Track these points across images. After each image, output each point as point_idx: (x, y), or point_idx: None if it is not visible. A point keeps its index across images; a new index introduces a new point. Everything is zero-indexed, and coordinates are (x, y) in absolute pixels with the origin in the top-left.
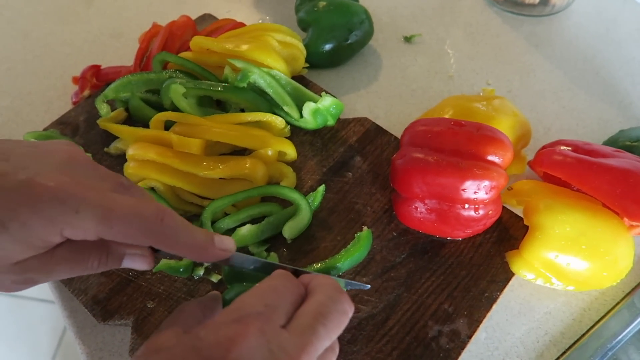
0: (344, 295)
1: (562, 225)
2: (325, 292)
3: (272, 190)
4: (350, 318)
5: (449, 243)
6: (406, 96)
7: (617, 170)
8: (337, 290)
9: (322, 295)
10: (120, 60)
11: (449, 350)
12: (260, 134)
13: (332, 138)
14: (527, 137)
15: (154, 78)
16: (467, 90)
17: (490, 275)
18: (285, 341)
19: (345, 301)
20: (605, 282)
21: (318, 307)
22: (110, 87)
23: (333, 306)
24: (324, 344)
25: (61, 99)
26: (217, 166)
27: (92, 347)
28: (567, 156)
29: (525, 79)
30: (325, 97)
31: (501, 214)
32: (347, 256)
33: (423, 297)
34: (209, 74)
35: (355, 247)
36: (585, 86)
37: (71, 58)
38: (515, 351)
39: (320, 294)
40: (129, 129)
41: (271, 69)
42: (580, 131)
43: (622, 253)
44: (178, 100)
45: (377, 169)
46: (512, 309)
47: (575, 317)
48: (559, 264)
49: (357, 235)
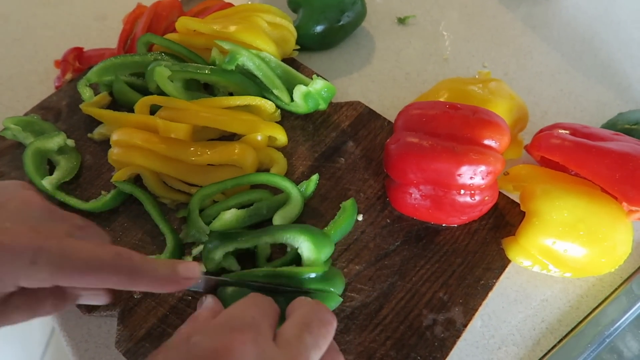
0: (323, 306)
1: (560, 211)
2: (305, 306)
3: (262, 179)
4: (334, 329)
5: (443, 230)
6: (400, 79)
7: (616, 154)
8: (316, 302)
9: (302, 308)
10: (104, 43)
11: (444, 339)
12: (250, 119)
13: (324, 123)
14: (524, 121)
15: (139, 60)
16: (463, 73)
17: (486, 263)
18: (276, 353)
19: (326, 311)
20: (603, 268)
21: (301, 318)
22: (92, 70)
23: (315, 315)
24: (315, 354)
25: (43, 83)
26: (205, 152)
27: (77, 339)
28: (565, 140)
29: (522, 61)
30: (316, 80)
31: (497, 199)
32: (336, 227)
33: (417, 286)
34: (196, 57)
35: (342, 217)
36: (583, 68)
37: (53, 41)
38: (512, 339)
39: (300, 308)
40: (112, 114)
41: (260, 51)
42: (577, 114)
43: (620, 239)
44: (163, 84)
45: (371, 154)
46: (508, 296)
47: (572, 304)
48: (557, 251)
49: (342, 204)
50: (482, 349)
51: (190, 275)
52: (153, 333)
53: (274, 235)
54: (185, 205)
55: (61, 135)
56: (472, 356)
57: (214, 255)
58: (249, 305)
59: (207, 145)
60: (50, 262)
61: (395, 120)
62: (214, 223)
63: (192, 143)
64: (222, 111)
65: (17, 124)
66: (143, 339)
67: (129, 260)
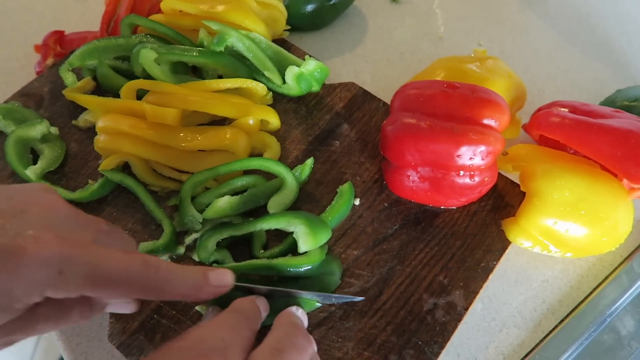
0: (300, 331)
1: (561, 190)
2: (281, 328)
3: (255, 164)
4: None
5: (442, 213)
6: (394, 59)
7: (618, 131)
8: (294, 326)
9: (278, 331)
10: (86, 26)
11: (445, 323)
12: (241, 102)
13: (317, 105)
14: (522, 100)
15: (123, 43)
16: (458, 52)
17: (486, 245)
18: None
19: (302, 336)
20: (604, 247)
21: (274, 343)
22: (74, 54)
23: (288, 341)
24: None
25: (24, 69)
26: (195, 137)
27: (68, 333)
28: (565, 118)
29: (518, 39)
30: (309, 61)
31: (496, 180)
32: (334, 212)
33: (417, 270)
34: (183, 38)
35: (339, 202)
36: (580, 45)
37: (32, 25)
38: (513, 321)
39: (276, 331)
40: (97, 100)
41: (250, 31)
42: (575, 92)
43: (621, 217)
44: (150, 67)
45: (366, 136)
46: (509, 278)
47: (573, 285)
48: (558, 231)
49: (339, 189)
50: (483, 332)
51: (222, 284)
52: (147, 325)
53: (269, 222)
54: (176, 192)
55: (44, 122)
56: (473, 339)
57: (207, 243)
58: (220, 325)
59: (197, 130)
60: (78, 272)
61: (391, 101)
62: (208, 211)
63: (182, 128)
64: (211, 95)
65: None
66: (136, 332)
67: (156, 269)
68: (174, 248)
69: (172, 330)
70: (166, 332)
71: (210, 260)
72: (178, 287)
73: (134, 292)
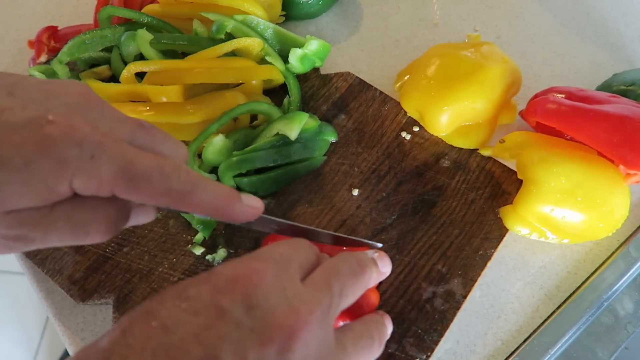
0: (352, 256)
1: (558, 177)
2: (337, 256)
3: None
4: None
5: (440, 202)
6: (390, 47)
7: (614, 117)
8: (348, 253)
9: (334, 258)
10: (80, 20)
11: (444, 311)
12: (243, 66)
13: (314, 96)
14: (518, 85)
15: (109, 34)
16: (454, 38)
17: (483, 233)
18: (300, 291)
19: (355, 261)
20: (601, 233)
21: (331, 265)
22: (63, 50)
23: (343, 265)
24: (340, 303)
25: (18, 65)
26: (199, 109)
27: (72, 328)
28: (561, 104)
29: (514, 23)
30: (310, 41)
31: (493, 168)
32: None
33: (415, 259)
34: (172, 27)
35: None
36: (577, 28)
37: (25, 20)
38: (511, 307)
39: (333, 259)
40: (99, 85)
41: (248, 14)
42: (572, 76)
43: (618, 203)
44: (145, 48)
45: (363, 126)
46: (507, 265)
47: (570, 270)
48: (555, 218)
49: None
50: (482, 319)
51: (253, 204)
52: None
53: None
54: None
55: None
56: (472, 326)
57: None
58: (281, 244)
59: (201, 101)
60: (112, 162)
61: None
62: (206, 150)
63: (184, 103)
64: (212, 63)
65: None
66: None
67: (188, 172)
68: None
69: None
70: None
71: None
72: (209, 195)
73: (165, 195)
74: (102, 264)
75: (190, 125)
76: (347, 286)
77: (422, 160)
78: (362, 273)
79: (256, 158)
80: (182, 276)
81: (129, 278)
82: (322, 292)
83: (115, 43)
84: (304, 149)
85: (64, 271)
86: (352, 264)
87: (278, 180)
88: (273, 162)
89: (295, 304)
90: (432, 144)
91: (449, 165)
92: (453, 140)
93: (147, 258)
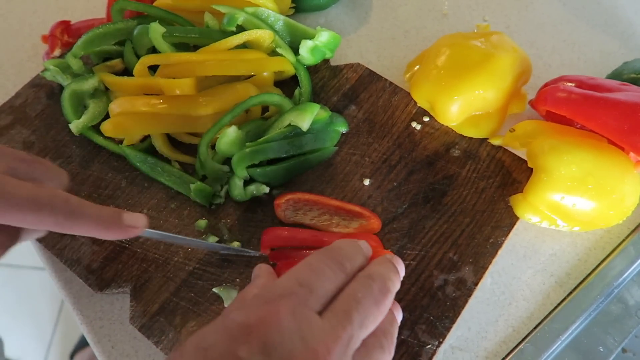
0: (377, 281)
1: (568, 165)
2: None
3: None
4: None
5: (451, 190)
6: (399, 38)
7: (624, 104)
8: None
9: (356, 283)
10: (92, 14)
11: (456, 298)
12: (255, 58)
13: (324, 87)
14: (528, 74)
15: (122, 27)
16: (463, 28)
17: (494, 221)
18: (317, 327)
19: (377, 288)
20: (611, 220)
21: (352, 292)
22: (77, 44)
23: (365, 293)
24: (360, 335)
25: (32, 60)
26: (212, 101)
27: (90, 317)
28: (571, 92)
29: (523, 12)
30: (321, 33)
31: (504, 157)
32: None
33: (427, 247)
34: (183, 20)
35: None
36: (586, 17)
37: (38, 15)
38: (522, 294)
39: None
40: (113, 78)
41: (259, 6)
42: (582, 65)
43: (628, 190)
44: (158, 41)
45: (374, 117)
46: (517, 252)
47: (580, 257)
48: (565, 206)
49: None
50: (493, 306)
51: (134, 224)
52: (166, 307)
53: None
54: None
55: (95, 76)
56: (483, 313)
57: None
58: (302, 269)
59: (213, 92)
60: None
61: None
62: (219, 141)
63: (197, 95)
64: (224, 56)
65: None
66: (157, 314)
67: (65, 201)
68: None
69: (190, 312)
70: (185, 313)
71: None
72: (88, 220)
73: (43, 222)
74: (119, 254)
75: (203, 117)
76: (368, 317)
77: (433, 150)
78: (383, 300)
79: (269, 149)
80: (196, 265)
81: (145, 267)
82: (342, 325)
83: (128, 36)
84: (316, 139)
85: (81, 261)
86: (373, 291)
87: (290, 170)
88: (285, 153)
89: (312, 344)
90: (442, 133)
91: (460, 155)
92: (463, 129)
93: (162, 248)
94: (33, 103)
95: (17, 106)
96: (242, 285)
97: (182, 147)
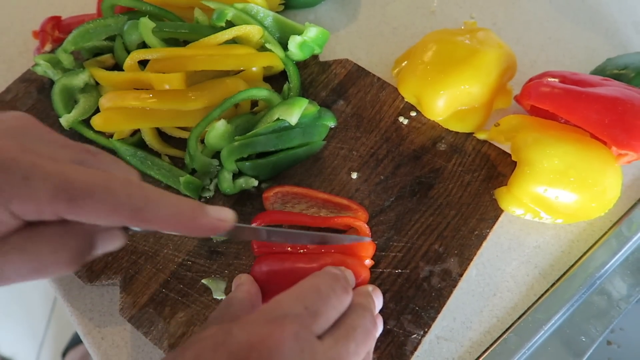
0: (368, 312)
1: (551, 158)
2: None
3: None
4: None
5: (437, 184)
6: (387, 34)
7: (605, 98)
8: (362, 307)
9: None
10: (82, 9)
11: (441, 289)
12: (244, 53)
13: (313, 82)
14: (513, 70)
15: (112, 23)
16: (451, 25)
17: (479, 214)
18: (318, 351)
19: (369, 318)
20: (593, 213)
21: (349, 321)
22: (67, 39)
23: (360, 323)
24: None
25: (23, 55)
26: (201, 95)
27: (81, 308)
28: (554, 87)
29: (510, 9)
30: (309, 28)
31: (489, 151)
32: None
33: (413, 239)
34: (173, 16)
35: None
36: (572, 14)
37: (29, 11)
38: (506, 286)
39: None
40: (104, 73)
41: (248, 2)
42: (567, 62)
43: (610, 183)
44: (148, 36)
45: (362, 112)
46: (502, 245)
47: (564, 249)
48: (548, 198)
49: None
50: (477, 297)
51: (221, 217)
52: (156, 299)
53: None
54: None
55: (86, 71)
56: (468, 304)
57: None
58: (308, 290)
59: (202, 87)
60: (48, 180)
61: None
62: (208, 135)
63: (187, 90)
64: (214, 51)
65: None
66: (146, 305)
67: (140, 187)
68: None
69: (180, 303)
70: (174, 304)
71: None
72: (166, 209)
73: (115, 213)
74: None
75: (193, 112)
76: (359, 345)
77: (420, 144)
78: (374, 329)
79: (257, 142)
80: (186, 257)
81: (135, 260)
82: (338, 353)
83: (118, 32)
84: (304, 134)
85: None
86: (367, 321)
87: (279, 164)
88: (274, 147)
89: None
90: (429, 128)
91: (446, 149)
92: (449, 124)
93: (152, 240)
94: (24, 98)
95: (7, 101)
96: (231, 277)
97: (172, 141)
